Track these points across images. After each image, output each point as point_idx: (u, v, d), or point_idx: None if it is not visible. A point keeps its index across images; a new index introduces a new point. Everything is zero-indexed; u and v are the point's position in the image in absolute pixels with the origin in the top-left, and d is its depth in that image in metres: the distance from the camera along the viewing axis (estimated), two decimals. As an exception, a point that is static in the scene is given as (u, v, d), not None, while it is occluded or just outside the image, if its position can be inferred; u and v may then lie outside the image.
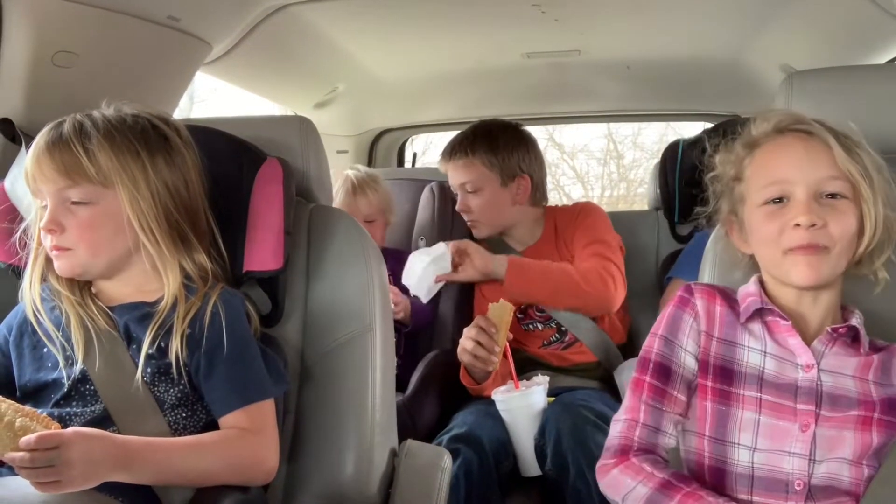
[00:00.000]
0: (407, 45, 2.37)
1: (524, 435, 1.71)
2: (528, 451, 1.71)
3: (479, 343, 1.76)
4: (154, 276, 1.21)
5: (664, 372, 1.14)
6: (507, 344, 1.81)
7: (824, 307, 1.13)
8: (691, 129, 3.17)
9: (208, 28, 1.73)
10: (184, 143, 1.24)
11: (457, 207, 2.17)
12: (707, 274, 1.36)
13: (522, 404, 1.72)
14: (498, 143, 2.10)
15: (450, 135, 2.28)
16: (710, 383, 1.13)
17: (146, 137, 1.20)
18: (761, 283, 1.18)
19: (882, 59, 1.99)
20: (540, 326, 2.06)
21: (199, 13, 1.66)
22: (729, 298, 1.18)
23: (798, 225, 1.07)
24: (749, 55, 2.37)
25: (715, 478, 1.11)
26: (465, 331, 1.80)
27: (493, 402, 1.76)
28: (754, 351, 1.13)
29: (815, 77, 1.41)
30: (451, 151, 2.13)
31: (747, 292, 1.17)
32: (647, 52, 2.45)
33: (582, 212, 2.13)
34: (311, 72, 2.44)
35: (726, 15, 2.12)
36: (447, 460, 1.40)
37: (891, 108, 1.32)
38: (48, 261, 1.20)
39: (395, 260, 2.26)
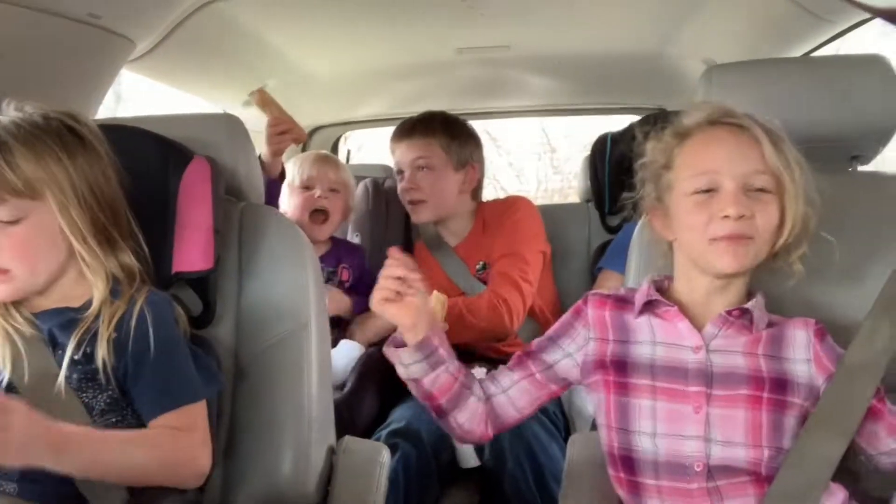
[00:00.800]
0: (338, 41, 2.35)
1: (462, 427, 1.73)
2: (466, 442, 1.73)
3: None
4: (80, 282, 1.18)
5: (529, 353, 1.28)
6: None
7: (733, 294, 1.18)
8: (621, 123, 3.22)
9: (131, 25, 1.69)
10: (96, 140, 1.19)
11: (402, 186, 2.15)
12: (633, 263, 1.41)
13: (460, 397, 1.73)
14: (455, 130, 2.16)
15: (385, 130, 2.28)
16: (610, 377, 1.18)
17: (62, 138, 1.14)
18: (653, 283, 1.23)
19: (799, 52, 2.07)
20: (474, 321, 2.07)
21: (121, 10, 1.61)
22: (621, 301, 1.24)
23: (727, 216, 1.10)
24: (673, 49, 2.43)
25: (625, 466, 1.15)
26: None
27: (430, 396, 1.77)
28: (645, 343, 1.18)
29: (732, 70, 1.46)
30: (410, 130, 2.15)
31: (641, 292, 1.21)
32: (575, 48, 2.49)
33: (510, 208, 2.14)
34: (240, 68, 2.40)
35: (649, 9, 2.16)
36: (385, 455, 1.41)
37: (805, 100, 1.37)
38: None
39: (351, 255, 2.27)
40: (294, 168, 2.21)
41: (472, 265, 2.11)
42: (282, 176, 2.12)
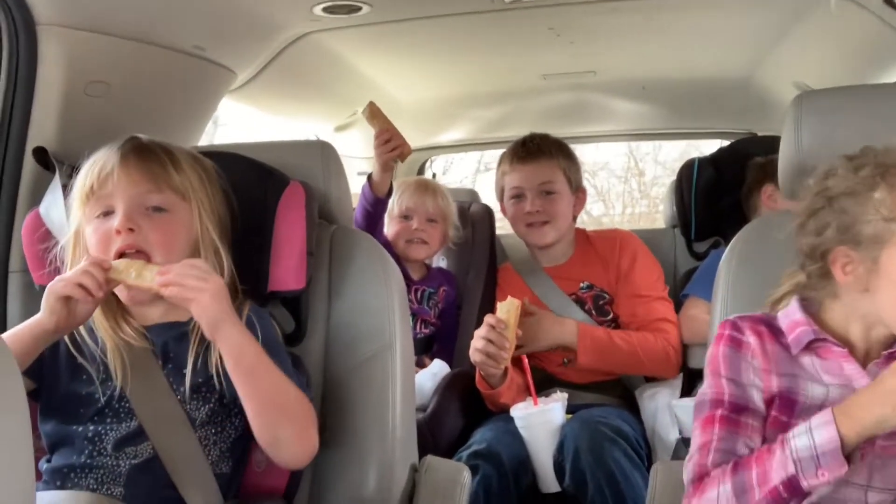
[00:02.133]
0: (425, 69, 2.42)
1: (543, 451, 1.73)
2: (547, 467, 1.73)
3: (489, 340, 1.80)
4: None
5: (735, 409, 1.10)
6: (526, 360, 1.84)
7: (881, 334, 1.09)
8: (711, 146, 3.18)
9: (233, 57, 1.79)
10: (218, 173, 1.32)
11: (523, 209, 2.10)
12: (720, 291, 1.38)
13: (541, 421, 1.74)
14: (569, 153, 2.16)
15: (470, 155, 2.31)
16: (774, 413, 1.10)
17: (199, 162, 1.29)
18: (804, 308, 1.12)
19: (893, 78, 2.00)
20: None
21: (224, 43, 1.71)
22: (772, 328, 1.14)
23: None
24: (763, 73, 2.39)
25: None
26: (476, 332, 1.84)
27: (511, 419, 1.78)
28: (816, 382, 1.09)
29: (824, 96, 1.42)
30: (532, 152, 2.11)
31: (794, 321, 1.12)
32: (661, 72, 2.48)
33: (624, 246, 2.13)
34: (332, 96, 2.50)
35: (739, 34, 2.14)
36: (466, 476, 1.42)
37: (900, 127, 1.33)
38: None
39: (446, 277, 2.34)
40: (395, 195, 2.24)
41: (566, 287, 2.11)
42: (389, 193, 2.13)
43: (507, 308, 1.83)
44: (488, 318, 1.81)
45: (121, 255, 1.18)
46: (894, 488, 1.04)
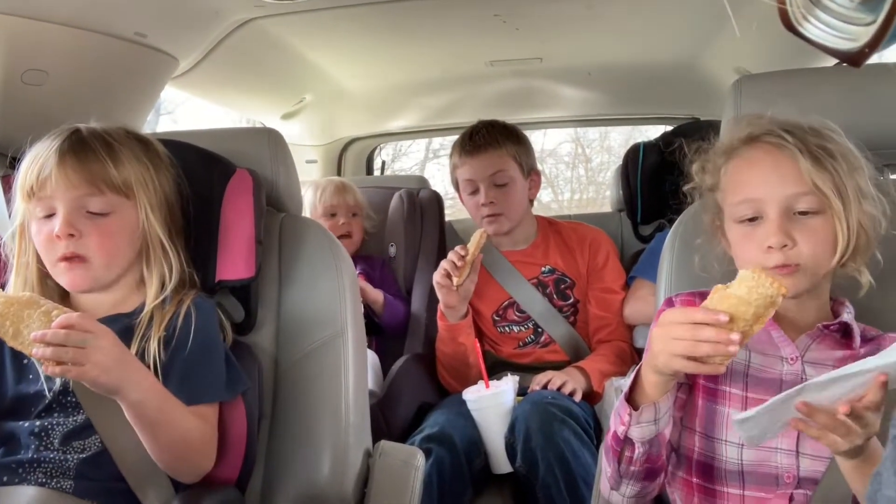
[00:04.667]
0: (373, 56, 2.40)
1: (494, 433, 1.76)
2: (499, 448, 1.75)
3: (451, 261, 1.93)
4: (134, 288, 1.24)
5: None
6: (478, 345, 1.87)
7: (812, 308, 1.14)
8: (656, 132, 3.24)
9: (175, 43, 1.75)
10: (166, 156, 1.29)
11: (478, 202, 2.10)
12: (665, 272, 1.42)
13: (492, 403, 1.77)
14: (519, 137, 2.15)
15: (419, 143, 2.32)
16: (701, 381, 1.15)
17: (147, 150, 1.25)
18: None
19: (830, 62, 2.06)
20: (516, 329, 2.10)
21: (166, 29, 1.68)
22: None
23: (770, 247, 1.07)
24: (705, 59, 2.44)
25: (703, 472, 1.13)
26: (443, 263, 1.96)
27: (464, 402, 1.81)
28: None
29: (763, 80, 1.47)
30: (481, 144, 2.10)
31: None
32: (607, 59, 2.51)
33: (599, 244, 2.17)
34: (278, 83, 2.47)
35: (682, 20, 2.17)
36: (420, 459, 1.44)
37: (835, 108, 1.37)
38: (41, 276, 1.22)
39: (368, 264, 2.33)
40: (314, 195, 2.38)
41: (527, 272, 2.13)
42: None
43: (475, 239, 1.96)
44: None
45: (64, 259, 1.16)
46: (827, 456, 1.07)
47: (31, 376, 1.19)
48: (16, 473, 1.13)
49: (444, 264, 1.95)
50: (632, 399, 1.07)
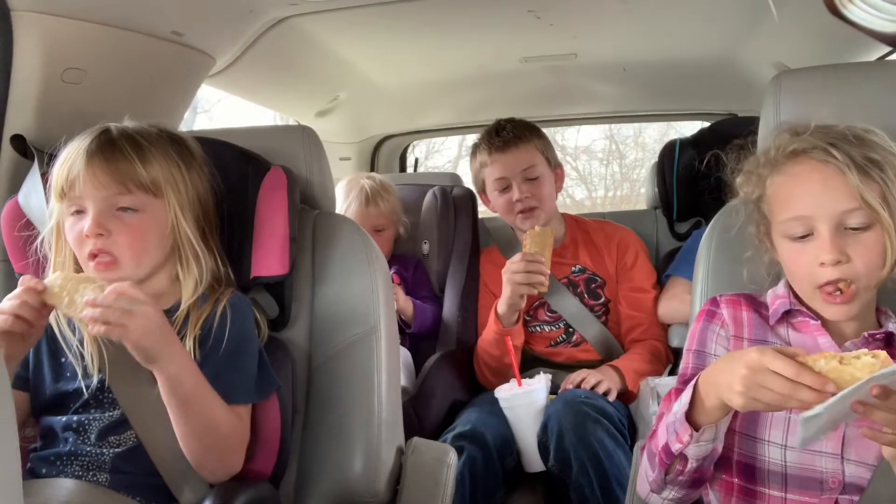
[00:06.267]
0: (406, 53, 2.40)
1: (527, 431, 1.75)
2: (532, 447, 1.75)
3: (529, 272, 1.89)
4: (170, 285, 1.26)
5: (690, 381, 1.11)
6: (510, 342, 1.86)
7: (859, 317, 1.12)
8: (692, 128, 3.20)
9: (211, 42, 1.77)
10: (200, 155, 1.30)
11: (516, 198, 2.10)
12: (701, 270, 1.40)
13: (525, 402, 1.76)
14: (540, 132, 2.17)
15: (451, 140, 2.32)
16: None
17: (180, 150, 1.26)
18: (788, 285, 1.17)
19: (871, 56, 2.02)
20: (547, 328, 2.09)
21: (202, 28, 1.70)
22: (755, 303, 1.19)
23: (823, 263, 1.06)
24: (743, 54, 2.40)
25: (744, 473, 1.11)
26: (510, 265, 1.93)
27: (496, 400, 1.80)
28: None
29: (802, 75, 1.43)
30: (507, 140, 2.12)
31: (776, 295, 1.17)
32: (642, 54, 2.48)
33: (628, 243, 2.17)
34: (312, 81, 2.48)
35: (719, 15, 2.14)
36: (452, 457, 1.44)
37: (877, 105, 1.34)
38: (78, 272, 1.23)
39: (402, 265, 2.32)
40: (343, 204, 2.30)
41: (558, 272, 2.11)
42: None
43: (539, 239, 1.94)
44: (522, 255, 1.93)
45: (93, 256, 1.18)
46: (872, 463, 1.05)
47: (68, 374, 1.21)
48: (54, 466, 1.16)
49: (518, 275, 1.91)
50: (690, 416, 1.05)
